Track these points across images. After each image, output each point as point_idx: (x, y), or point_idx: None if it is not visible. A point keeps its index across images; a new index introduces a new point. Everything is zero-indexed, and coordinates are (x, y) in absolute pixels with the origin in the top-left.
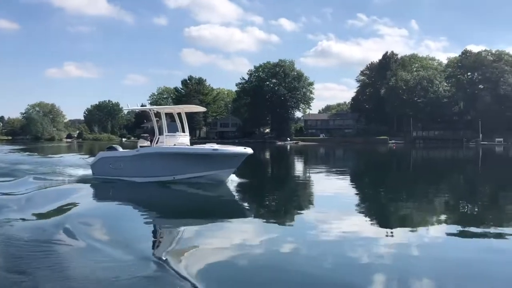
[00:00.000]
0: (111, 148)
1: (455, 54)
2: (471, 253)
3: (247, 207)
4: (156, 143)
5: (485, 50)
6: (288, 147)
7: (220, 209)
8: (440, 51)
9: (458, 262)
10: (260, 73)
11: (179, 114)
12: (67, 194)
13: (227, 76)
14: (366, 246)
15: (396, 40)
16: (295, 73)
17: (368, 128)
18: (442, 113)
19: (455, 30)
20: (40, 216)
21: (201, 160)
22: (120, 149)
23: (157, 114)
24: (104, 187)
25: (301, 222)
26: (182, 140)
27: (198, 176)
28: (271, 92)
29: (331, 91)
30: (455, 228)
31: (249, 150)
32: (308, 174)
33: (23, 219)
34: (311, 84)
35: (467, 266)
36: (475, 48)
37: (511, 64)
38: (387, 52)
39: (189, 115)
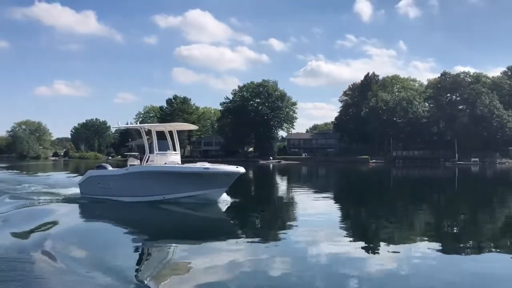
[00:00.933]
0: (100, 167)
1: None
2: (455, 269)
3: (236, 228)
4: (146, 161)
5: (464, 72)
6: (271, 166)
7: (208, 230)
8: (428, 71)
9: (445, 279)
10: (244, 92)
11: (170, 132)
12: (51, 213)
13: (218, 94)
14: (353, 265)
15: (384, 61)
16: (278, 93)
17: (350, 147)
18: (421, 133)
19: (443, 51)
20: (19, 235)
21: (192, 179)
22: (110, 168)
23: (148, 132)
24: (91, 206)
25: (290, 242)
26: (173, 158)
27: (189, 196)
28: (255, 111)
29: (321, 110)
30: (436, 245)
31: (241, 169)
32: (291, 194)
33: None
34: (294, 104)
35: (452, 283)
36: (462, 69)
37: (489, 85)
38: (368, 73)
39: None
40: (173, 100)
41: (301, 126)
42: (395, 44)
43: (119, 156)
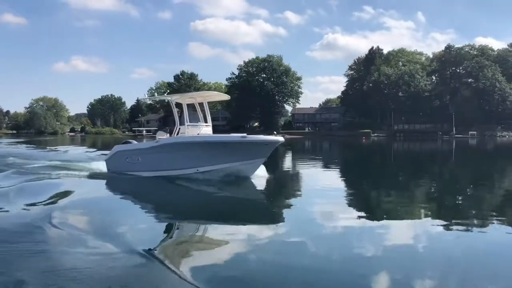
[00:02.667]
0: (127, 143)
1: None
2: (467, 243)
3: (261, 205)
4: (177, 134)
5: (468, 45)
6: None
7: (231, 208)
8: (448, 43)
9: (462, 255)
10: (250, 68)
11: (200, 104)
12: (73, 186)
13: (234, 69)
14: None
15: (402, 33)
16: (283, 68)
17: (353, 121)
18: (423, 107)
19: (463, 22)
20: (31, 206)
21: (228, 150)
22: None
23: (177, 105)
24: (115, 182)
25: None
26: (205, 130)
27: (224, 168)
28: (260, 86)
29: (338, 84)
30: (432, 220)
31: (280, 138)
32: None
33: (15, 208)
34: (299, 78)
35: (468, 258)
36: (483, 41)
37: (493, 58)
38: (372, 47)
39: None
40: (181, 76)
41: (317, 100)
42: (413, 15)
43: (129, 132)
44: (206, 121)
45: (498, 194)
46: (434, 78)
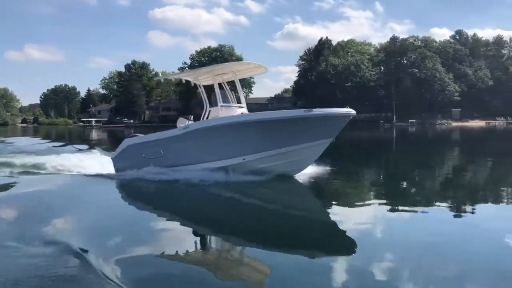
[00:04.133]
0: (134, 137)
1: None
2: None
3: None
4: (206, 117)
5: (413, 36)
6: None
7: (276, 225)
8: (405, 33)
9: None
10: (202, 58)
11: (229, 82)
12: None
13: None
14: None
15: (362, 23)
16: (235, 58)
17: None
18: (369, 96)
19: (419, 13)
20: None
21: (287, 130)
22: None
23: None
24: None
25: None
26: (239, 112)
27: (280, 154)
28: None
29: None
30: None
31: (352, 111)
32: None
33: None
34: None
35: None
36: (438, 31)
37: (435, 49)
38: (322, 38)
39: (129, 100)
40: (132, 66)
41: (278, 90)
42: (372, 5)
43: (80, 122)
44: (240, 101)
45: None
46: (381, 68)
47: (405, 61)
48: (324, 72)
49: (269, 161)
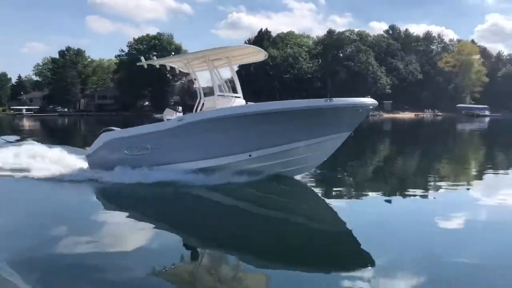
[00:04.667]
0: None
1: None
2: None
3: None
4: (200, 109)
5: (349, 30)
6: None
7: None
8: (346, 26)
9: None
10: (140, 45)
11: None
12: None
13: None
14: None
15: (304, 14)
16: (174, 47)
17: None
18: (306, 88)
19: (359, 6)
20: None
21: (302, 122)
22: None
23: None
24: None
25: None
26: (238, 103)
27: (291, 149)
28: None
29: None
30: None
31: (374, 101)
32: None
33: None
34: None
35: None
36: (377, 25)
37: (369, 43)
38: (261, 29)
39: (63, 87)
40: (66, 52)
41: None
42: None
43: (10, 110)
44: (236, 91)
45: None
46: (319, 61)
47: (341, 54)
48: (263, 63)
49: (278, 157)
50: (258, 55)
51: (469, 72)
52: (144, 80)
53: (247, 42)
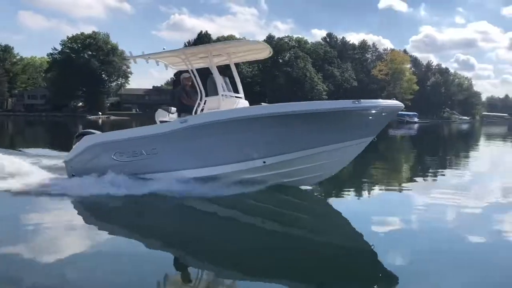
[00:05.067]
0: (86, 135)
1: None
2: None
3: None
4: (201, 110)
5: (288, 36)
6: (100, 121)
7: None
8: (288, 32)
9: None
10: (74, 44)
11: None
12: None
13: None
14: None
15: (248, 19)
16: (110, 46)
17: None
18: (245, 93)
19: (301, 13)
20: None
21: (329, 124)
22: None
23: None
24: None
25: None
26: (242, 104)
27: (310, 155)
28: (85, 64)
29: None
30: None
31: (400, 103)
32: None
33: None
34: (128, 59)
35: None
36: (318, 33)
37: (307, 50)
38: (201, 32)
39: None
40: None
41: (163, 81)
42: (257, 3)
43: None
44: (238, 91)
45: None
46: (259, 65)
47: (280, 60)
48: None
49: (294, 164)
50: (263, 52)
51: (401, 80)
52: (77, 80)
53: (186, 44)
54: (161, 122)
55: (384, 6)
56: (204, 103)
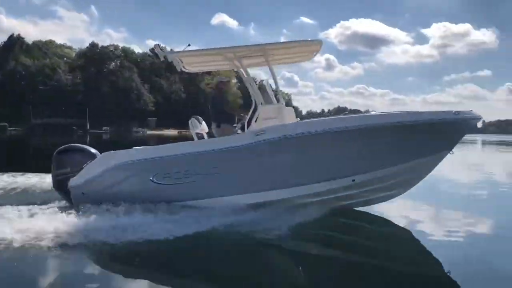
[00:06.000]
0: (74, 151)
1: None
2: None
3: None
4: (256, 121)
5: (113, 45)
6: None
7: None
8: (122, 41)
9: None
10: None
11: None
12: None
13: None
14: None
15: (77, 25)
16: None
17: None
18: (67, 101)
19: (134, 23)
20: None
21: (421, 136)
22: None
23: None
24: None
25: None
26: (288, 114)
27: (396, 172)
28: None
29: None
30: None
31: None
32: None
33: None
34: None
35: None
36: (151, 43)
37: (134, 60)
38: (13, 34)
39: None
40: None
41: None
42: (87, 9)
43: None
44: (278, 100)
45: None
46: (81, 73)
47: (105, 70)
48: (13, 72)
49: (381, 182)
50: (308, 56)
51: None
52: None
53: None
54: (197, 134)
55: (217, 22)
56: (258, 114)
